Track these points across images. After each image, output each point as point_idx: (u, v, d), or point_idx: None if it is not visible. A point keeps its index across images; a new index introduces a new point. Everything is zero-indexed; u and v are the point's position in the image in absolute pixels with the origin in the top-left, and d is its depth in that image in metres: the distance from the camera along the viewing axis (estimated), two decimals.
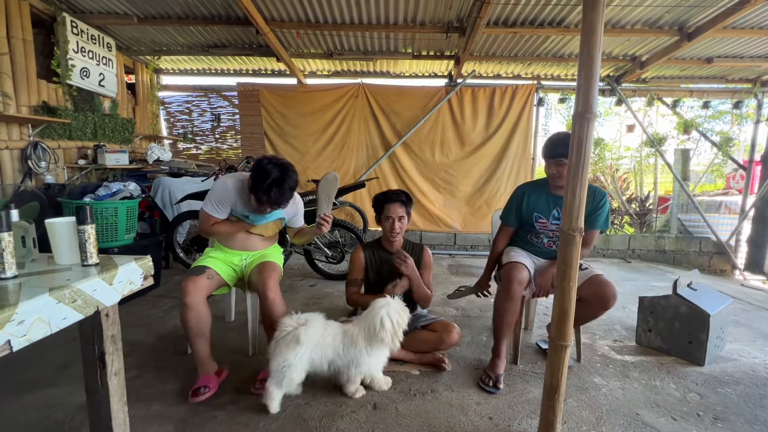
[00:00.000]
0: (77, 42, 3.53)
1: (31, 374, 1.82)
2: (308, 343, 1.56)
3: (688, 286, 2.28)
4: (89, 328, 0.95)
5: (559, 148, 1.86)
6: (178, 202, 3.51)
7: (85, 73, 3.64)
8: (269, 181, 1.66)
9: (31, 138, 3.22)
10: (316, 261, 3.52)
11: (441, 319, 2.01)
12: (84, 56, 3.62)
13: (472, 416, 1.59)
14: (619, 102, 5.11)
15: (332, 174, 2.03)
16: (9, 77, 3.03)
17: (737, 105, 5.16)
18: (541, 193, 2.03)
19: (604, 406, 1.69)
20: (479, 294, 2.24)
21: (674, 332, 2.16)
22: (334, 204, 3.12)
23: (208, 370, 1.71)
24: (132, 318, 2.49)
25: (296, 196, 1.96)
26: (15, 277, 0.84)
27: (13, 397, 1.64)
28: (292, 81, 5.16)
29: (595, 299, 1.83)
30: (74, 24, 3.48)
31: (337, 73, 5.21)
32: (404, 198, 2.01)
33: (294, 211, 2.00)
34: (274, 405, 1.56)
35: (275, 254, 2.03)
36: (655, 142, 5.19)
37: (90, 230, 0.94)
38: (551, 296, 1.54)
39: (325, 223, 1.85)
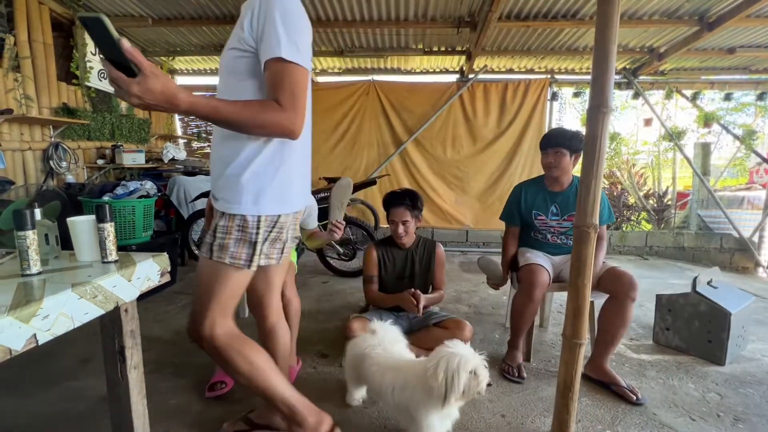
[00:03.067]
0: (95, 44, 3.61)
1: (56, 367, 1.89)
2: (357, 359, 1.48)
3: (708, 283, 2.21)
4: (109, 323, 0.98)
5: (556, 138, 1.93)
6: (192, 200, 3.57)
7: (102, 75, 3.73)
8: None
9: (53, 139, 3.32)
10: (328, 258, 3.54)
11: (453, 316, 2.00)
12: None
13: (484, 414, 1.59)
14: (636, 95, 4.98)
15: (345, 180, 2.02)
16: (31, 80, 3.12)
17: (761, 96, 4.98)
18: (538, 190, 2.05)
19: (619, 405, 1.66)
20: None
21: (693, 331, 2.11)
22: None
23: None
24: (149, 314, 2.56)
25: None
26: (39, 273, 0.87)
27: (39, 389, 1.71)
28: None
29: (619, 289, 1.79)
30: None
31: (347, 71, 5.22)
32: (408, 201, 1.97)
33: (307, 212, 2.00)
34: (350, 399, 1.60)
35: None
36: (674, 136, 5.04)
37: (109, 228, 0.96)
38: (565, 294, 1.52)
39: (337, 229, 1.87)
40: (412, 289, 1.90)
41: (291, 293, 1.80)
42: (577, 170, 1.70)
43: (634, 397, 1.66)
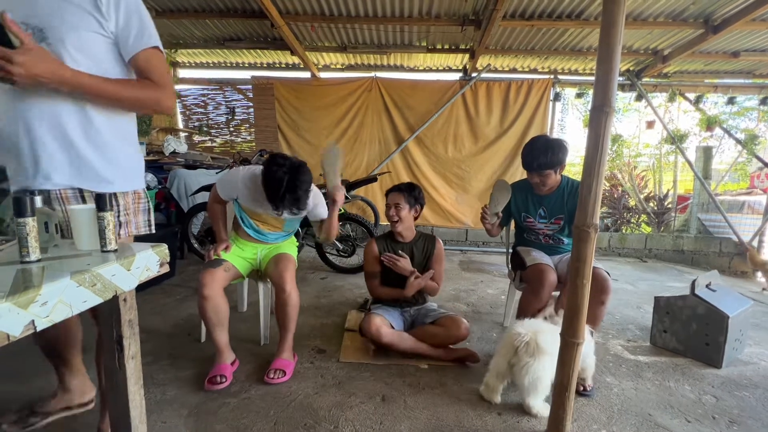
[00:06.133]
0: None
1: None
2: (550, 353, 1.48)
3: (707, 286, 2.22)
4: (108, 312, 0.98)
5: (538, 161, 1.86)
6: (193, 194, 3.57)
7: None
8: (282, 190, 1.64)
9: None
10: (327, 254, 3.54)
11: (449, 314, 2.01)
12: None
13: (480, 411, 1.59)
14: (639, 97, 4.98)
15: (330, 144, 2.01)
16: None
17: (764, 101, 4.97)
18: (526, 194, 2.06)
19: (615, 405, 1.67)
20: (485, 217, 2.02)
21: (691, 333, 2.11)
22: (346, 198, 3.13)
23: (225, 360, 1.75)
24: (148, 306, 2.56)
25: (313, 188, 1.95)
26: (39, 260, 0.87)
27: (37, 377, 1.71)
28: (306, 75, 5.17)
29: (592, 289, 1.79)
30: None
31: (350, 67, 5.20)
32: (403, 187, 2.02)
33: (312, 204, 1.95)
34: (496, 397, 1.63)
35: (290, 247, 2.06)
36: (676, 139, 5.04)
37: (109, 217, 0.96)
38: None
39: (338, 193, 1.87)
40: (414, 274, 1.95)
41: (290, 288, 1.81)
42: (571, 172, 1.70)
43: None
